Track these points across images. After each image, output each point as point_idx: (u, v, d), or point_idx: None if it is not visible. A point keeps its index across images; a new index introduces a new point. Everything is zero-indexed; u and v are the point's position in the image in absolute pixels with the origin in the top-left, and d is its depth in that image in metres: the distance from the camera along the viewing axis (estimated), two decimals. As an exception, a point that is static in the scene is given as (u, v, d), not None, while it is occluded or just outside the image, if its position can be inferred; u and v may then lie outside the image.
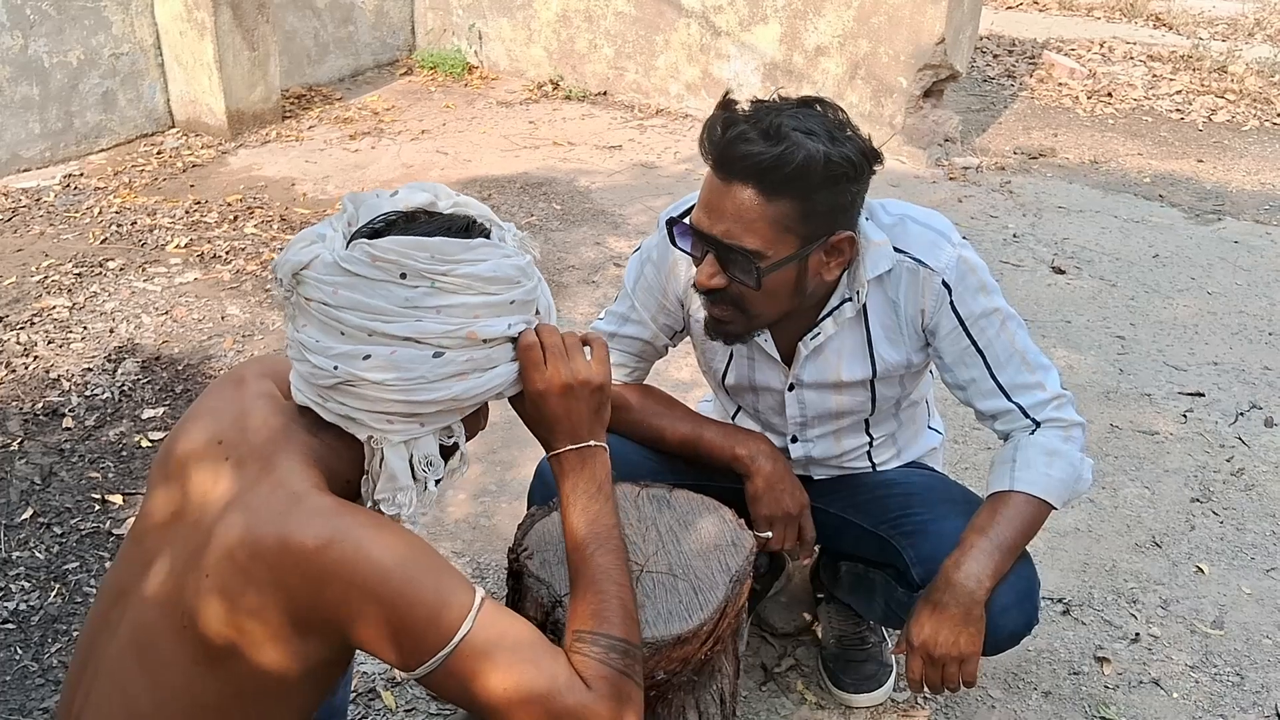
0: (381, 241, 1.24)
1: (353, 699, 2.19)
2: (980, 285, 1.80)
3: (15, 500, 2.74)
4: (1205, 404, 3.47)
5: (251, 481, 1.28)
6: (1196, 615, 2.55)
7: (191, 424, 1.40)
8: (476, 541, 2.68)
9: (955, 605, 1.72)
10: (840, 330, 1.86)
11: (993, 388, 1.83)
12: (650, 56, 6.19)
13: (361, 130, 5.63)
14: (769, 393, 2.00)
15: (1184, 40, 8.46)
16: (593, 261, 4.29)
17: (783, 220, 1.60)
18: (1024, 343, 1.83)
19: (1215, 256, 4.64)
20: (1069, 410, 1.84)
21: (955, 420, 3.27)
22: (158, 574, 1.30)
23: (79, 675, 1.39)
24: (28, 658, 2.27)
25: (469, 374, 1.31)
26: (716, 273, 1.67)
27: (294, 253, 1.29)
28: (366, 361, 1.26)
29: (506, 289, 1.30)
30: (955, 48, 5.38)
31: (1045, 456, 1.77)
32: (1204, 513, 2.93)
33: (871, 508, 2.02)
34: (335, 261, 1.25)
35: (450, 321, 1.26)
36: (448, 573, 1.24)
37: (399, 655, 1.23)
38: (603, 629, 1.30)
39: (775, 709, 2.23)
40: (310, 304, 1.28)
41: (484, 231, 1.35)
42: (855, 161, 1.61)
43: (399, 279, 1.24)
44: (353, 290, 1.24)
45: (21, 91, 4.77)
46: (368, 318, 1.25)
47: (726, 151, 1.60)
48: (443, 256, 1.25)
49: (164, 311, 3.69)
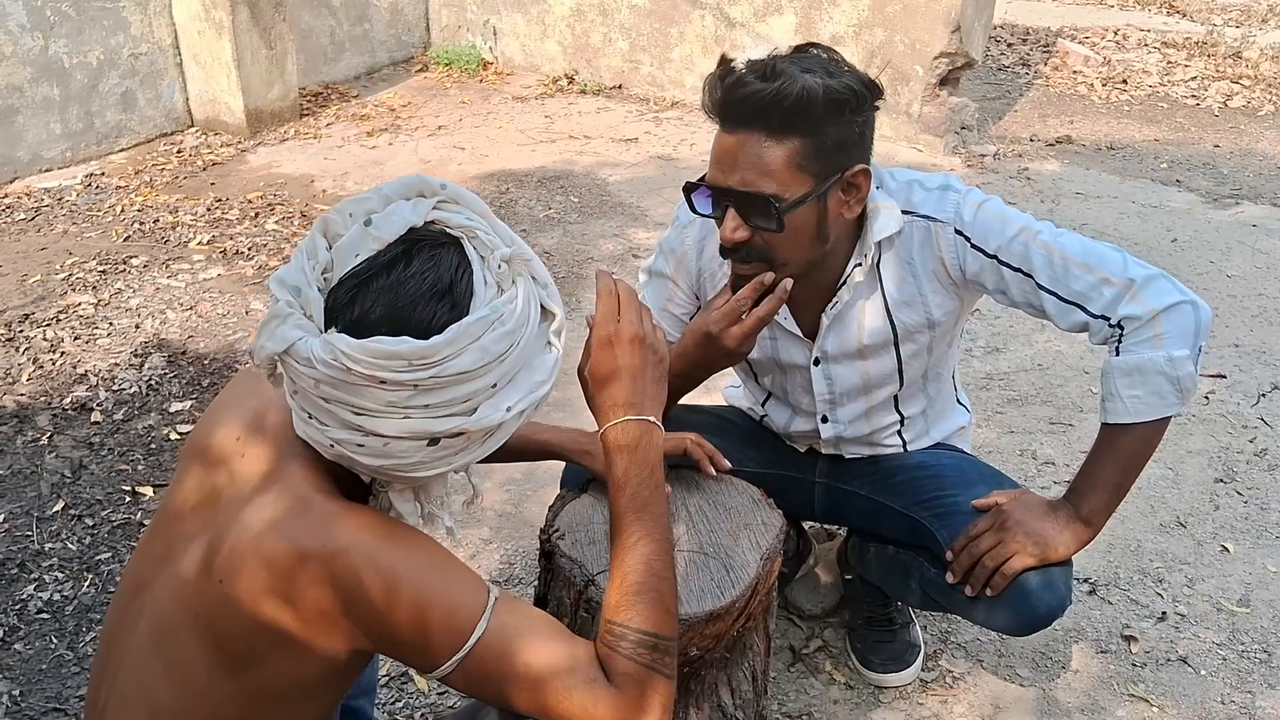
0: (353, 351, 1.12)
1: (385, 682, 2.21)
2: (996, 216, 1.78)
3: (46, 493, 2.77)
4: (1227, 386, 3.47)
5: (263, 482, 1.27)
6: (1223, 594, 2.56)
7: (213, 417, 1.40)
8: (504, 529, 2.70)
9: (1062, 511, 1.79)
10: (856, 296, 1.87)
11: (1057, 303, 1.75)
12: (665, 49, 6.20)
13: (379, 127, 5.65)
14: (795, 370, 2.01)
15: (1198, 26, 8.43)
16: (612, 253, 4.31)
17: (794, 159, 1.62)
18: (1067, 245, 1.74)
19: (1233, 240, 4.63)
20: (1150, 294, 1.69)
21: (979, 406, 3.28)
22: (174, 570, 1.30)
23: (103, 667, 1.39)
24: (63, 646, 2.30)
25: (472, 446, 1.24)
26: (739, 225, 1.68)
27: (268, 338, 1.18)
28: (361, 448, 1.20)
29: (497, 364, 1.19)
30: (970, 36, 5.38)
31: (1124, 379, 1.70)
32: (1228, 493, 2.93)
33: (902, 490, 2.03)
34: (311, 357, 1.15)
35: (442, 419, 1.18)
36: (461, 573, 1.23)
37: (416, 658, 1.23)
38: (634, 622, 1.27)
39: (804, 689, 2.24)
40: (297, 387, 1.21)
41: (468, 281, 1.20)
42: (856, 90, 1.62)
43: (380, 385, 1.14)
44: (336, 389, 1.16)
45: (42, 92, 4.81)
46: (355, 412, 1.17)
47: (728, 99, 1.62)
48: (419, 362, 1.13)
49: (188, 307, 3.72)
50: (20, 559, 2.53)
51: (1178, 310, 1.68)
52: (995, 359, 3.59)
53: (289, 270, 1.22)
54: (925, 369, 1.99)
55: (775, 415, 2.15)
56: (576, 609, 1.61)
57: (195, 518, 1.32)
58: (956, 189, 1.81)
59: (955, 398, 2.16)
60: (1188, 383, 1.68)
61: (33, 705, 2.16)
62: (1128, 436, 1.73)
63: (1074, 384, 3.45)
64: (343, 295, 1.19)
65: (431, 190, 1.26)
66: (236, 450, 1.33)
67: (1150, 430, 1.72)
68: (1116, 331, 1.72)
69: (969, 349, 3.62)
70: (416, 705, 2.18)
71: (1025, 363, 3.57)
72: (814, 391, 2.01)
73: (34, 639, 2.32)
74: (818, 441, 2.11)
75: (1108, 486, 1.75)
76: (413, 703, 2.19)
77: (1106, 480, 1.75)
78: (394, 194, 1.25)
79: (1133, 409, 1.70)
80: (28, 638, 2.32)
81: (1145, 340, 1.69)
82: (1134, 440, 1.73)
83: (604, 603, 1.32)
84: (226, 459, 1.34)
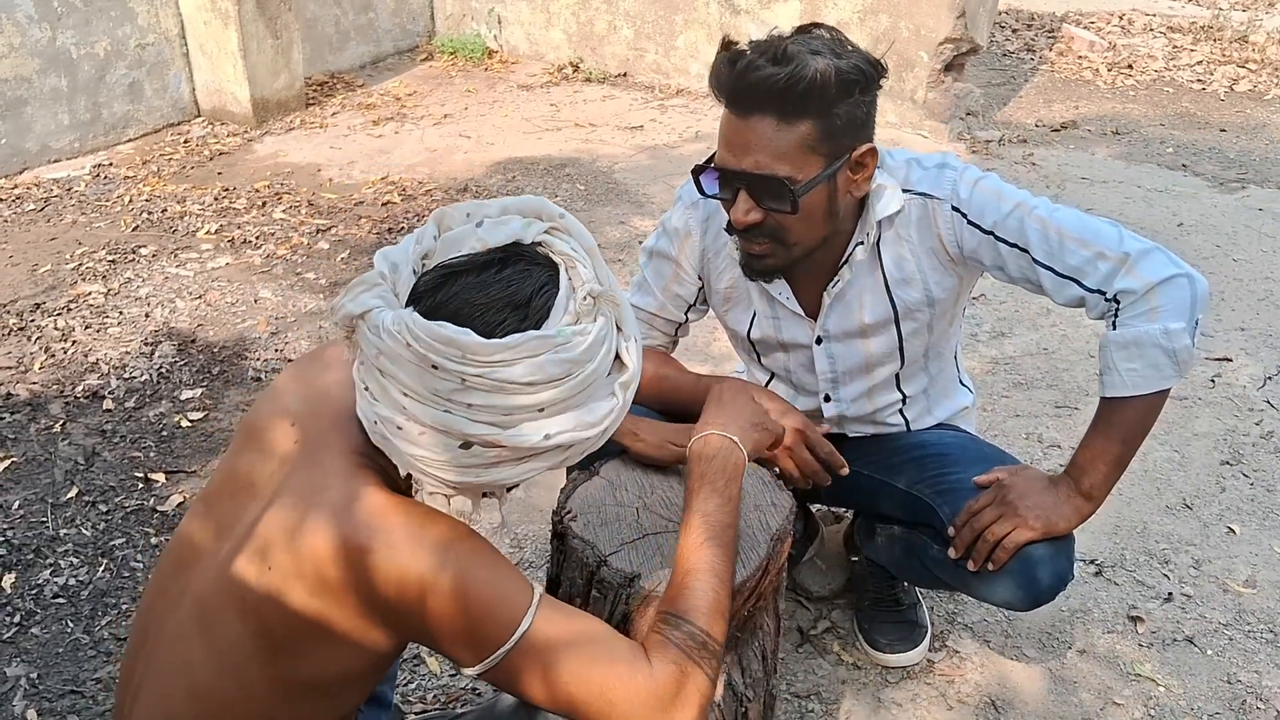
0: (418, 328, 1.15)
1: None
2: (992, 192, 1.79)
3: (60, 480, 2.79)
4: (1233, 369, 3.48)
5: (313, 471, 1.28)
6: (1228, 574, 2.57)
7: (270, 398, 1.41)
8: (514, 513, 2.72)
9: (1063, 486, 1.80)
10: (857, 275, 1.88)
11: (1053, 278, 1.76)
12: (670, 37, 6.20)
13: (384, 116, 5.66)
14: (797, 349, 2.02)
15: (1204, 11, 8.41)
16: (618, 240, 4.32)
17: (806, 141, 1.64)
18: (1063, 220, 1.75)
19: (1240, 224, 4.63)
20: (1145, 268, 1.69)
21: (985, 390, 3.30)
22: (223, 552, 1.32)
23: (139, 644, 1.40)
24: (79, 631, 2.33)
25: (503, 465, 1.24)
26: (752, 207, 1.70)
27: (351, 299, 1.22)
28: (399, 431, 1.21)
29: (548, 387, 1.18)
30: (975, 21, 5.38)
31: (1121, 352, 1.71)
32: (1234, 475, 2.95)
33: (906, 468, 2.04)
34: (380, 325, 1.18)
35: (479, 424, 1.18)
36: (506, 569, 1.25)
37: (460, 652, 1.24)
38: (688, 615, 1.30)
39: (812, 670, 2.26)
40: (363, 355, 1.23)
41: (547, 301, 1.21)
42: (865, 70, 1.64)
43: (431, 369, 1.16)
44: (393, 363, 1.17)
45: (50, 83, 4.82)
46: (404, 392, 1.19)
47: (739, 83, 1.63)
48: (473, 357, 1.14)
49: (198, 296, 3.74)
50: (36, 544, 2.55)
51: (1173, 283, 1.68)
52: (1001, 343, 3.60)
53: (395, 248, 1.27)
54: (926, 347, 2.00)
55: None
56: (589, 590, 1.63)
57: (245, 502, 1.34)
58: (953, 166, 1.83)
59: (958, 378, 2.17)
60: (1184, 355, 1.68)
61: (50, 688, 2.18)
62: (1126, 410, 1.74)
63: (1080, 368, 3.46)
64: (431, 280, 1.22)
65: (549, 215, 1.29)
66: (290, 436, 1.35)
67: (1149, 403, 1.73)
68: (1113, 306, 1.73)
69: (974, 333, 3.63)
70: (429, 687, 2.20)
71: (1031, 347, 3.58)
72: (816, 370, 2.03)
73: (50, 623, 2.34)
74: (820, 422, 2.13)
75: (1108, 460, 1.76)
76: (425, 684, 2.21)
77: (1106, 454, 1.76)
78: (514, 208, 1.29)
79: (1130, 382, 1.71)
80: (44, 622, 2.34)
81: (1141, 314, 1.69)
82: (1133, 413, 1.74)
83: (664, 595, 1.35)
84: (279, 443, 1.35)
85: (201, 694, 1.30)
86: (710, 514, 1.43)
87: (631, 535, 1.65)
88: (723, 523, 1.42)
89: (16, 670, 2.21)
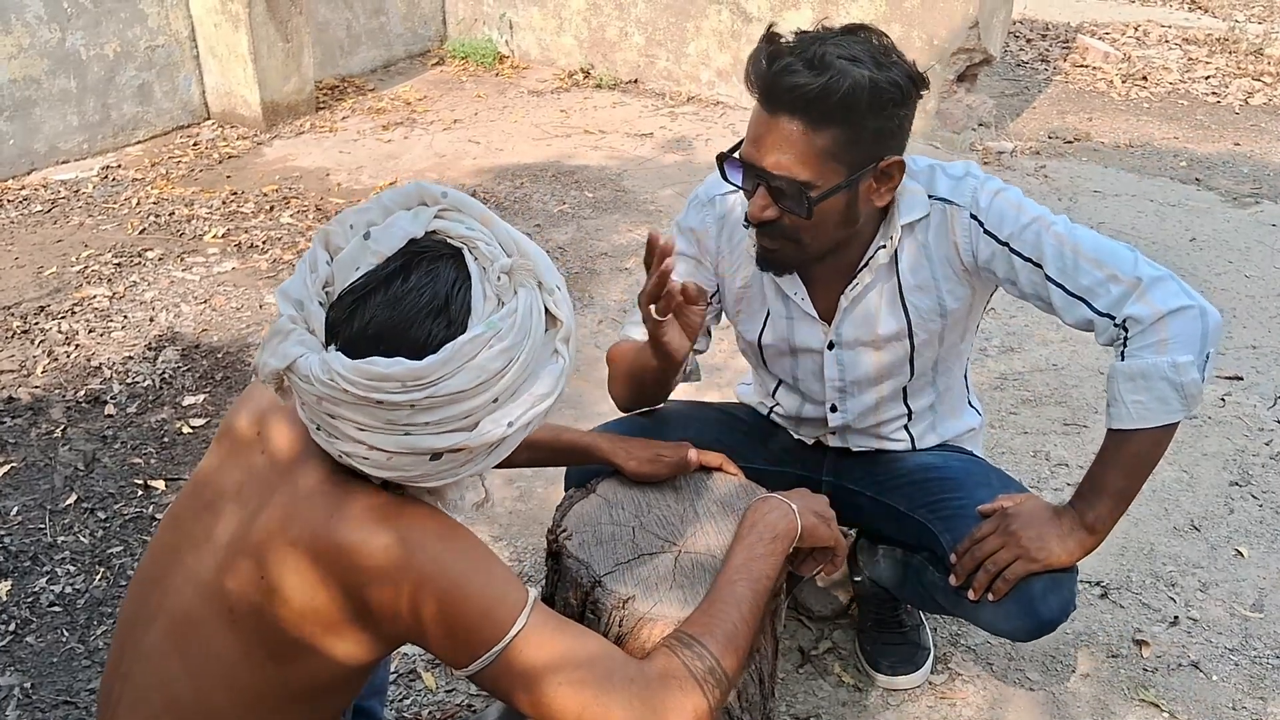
0: (347, 373, 1.12)
1: (393, 680, 2.21)
2: (1012, 204, 1.77)
3: (59, 486, 2.78)
4: (1243, 388, 3.45)
5: (299, 474, 1.27)
6: (1236, 598, 2.54)
7: (243, 405, 1.40)
8: (514, 525, 2.70)
9: (1067, 518, 1.77)
10: (875, 280, 1.87)
11: (1063, 296, 1.73)
12: (681, 44, 6.18)
13: (394, 120, 5.65)
14: (808, 355, 2.00)
15: (1219, 23, 8.36)
16: (625, 248, 4.30)
17: (830, 149, 1.62)
18: (1080, 239, 1.72)
19: (1253, 240, 4.59)
20: (1156, 295, 1.66)
21: (993, 406, 3.27)
22: (199, 564, 1.30)
23: (117, 661, 1.39)
24: (74, 640, 2.31)
25: (476, 459, 1.23)
26: (768, 205, 1.69)
27: (271, 354, 1.18)
28: (366, 461, 1.19)
29: (496, 380, 1.16)
30: (989, 31, 5.35)
31: (1129, 384, 1.68)
32: (1243, 496, 2.91)
33: (909, 491, 2.02)
34: (310, 374, 1.14)
35: (443, 435, 1.17)
36: (500, 570, 1.24)
37: (452, 652, 1.23)
38: (702, 638, 1.31)
39: (813, 691, 2.24)
40: (303, 400, 1.20)
41: (465, 296, 1.18)
42: (902, 85, 1.62)
43: (376, 405, 1.13)
44: (337, 405, 1.15)
45: (60, 84, 4.82)
46: (359, 428, 1.16)
47: (773, 84, 1.62)
48: (413, 384, 1.12)
49: (203, 300, 3.73)
50: (33, 551, 2.54)
51: (1184, 314, 1.66)
52: (1010, 359, 3.57)
53: (292, 283, 1.22)
54: (935, 360, 1.98)
55: (785, 402, 2.14)
56: (583, 610, 1.61)
57: (224, 511, 1.32)
58: (976, 175, 1.82)
59: (967, 399, 2.15)
60: (1192, 390, 1.66)
61: (44, 698, 2.17)
62: (1133, 442, 1.71)
63: (1089, 385, 3.42)
64: (342, 311, 1.18)
65: (432, 198, 1.24)
66: (269, 441, 1.33)
67: (1155, 437, 1.70)
68: (1121, 333, 1.70)
69: (983, 348, 3.60)
70: (424, 703, 2.18)
71: (1040, 363, 3.55)
72: (825, 378, 2.00)
73: (46, 632, 2.33)
74: (825, 432, 2.11)
75: (1113, 493, 1.74)
76: (420, 699, 2.19)
77: (1111, 487, 1.74)
78: (394, 204, 1.24)
79: (1137, 415, 1.68)
80: (39, 630, 2.33)
81: (1150, 345, 1.66)
82: (1139, 446, 1.71)
83: (687, 618, 1.38)
84: (259, 450, 1.34)
85: (185, 708, 1.29)
86: (752, 561, 1.46)
87: (627, 555, 1.64)
88: (761, 571, 1.45)
89: (10, 680, 2.20)
